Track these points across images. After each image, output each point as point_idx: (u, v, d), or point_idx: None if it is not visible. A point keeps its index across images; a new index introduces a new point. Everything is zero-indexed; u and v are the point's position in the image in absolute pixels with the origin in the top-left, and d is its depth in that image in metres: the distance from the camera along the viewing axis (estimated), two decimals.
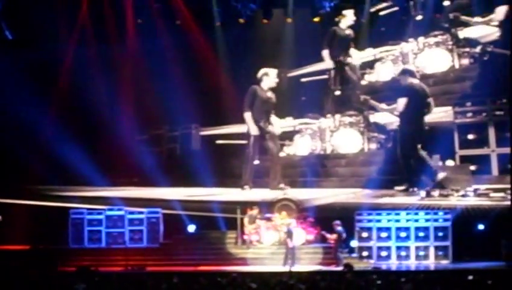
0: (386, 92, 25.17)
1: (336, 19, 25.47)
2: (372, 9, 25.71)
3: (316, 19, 24.24)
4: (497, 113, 23.58)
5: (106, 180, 25.32)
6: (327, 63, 25.56)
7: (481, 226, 22.13)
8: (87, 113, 25.66)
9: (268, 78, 25.05)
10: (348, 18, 25.44)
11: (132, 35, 25.63)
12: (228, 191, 25.09)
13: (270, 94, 25.16)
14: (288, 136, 26.24)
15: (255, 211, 23.43)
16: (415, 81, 23.45)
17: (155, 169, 26.36)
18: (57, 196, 25.29)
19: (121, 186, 26.04)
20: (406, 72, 23.68)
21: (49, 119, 25.73)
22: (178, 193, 25.36)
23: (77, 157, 24.73)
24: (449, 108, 24.34)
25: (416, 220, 22.55)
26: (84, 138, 25.18)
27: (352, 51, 25.74)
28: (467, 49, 24.60)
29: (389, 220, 22.71)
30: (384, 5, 25.80)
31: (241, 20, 24.37)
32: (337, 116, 25.78)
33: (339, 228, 21.94)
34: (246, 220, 23.25)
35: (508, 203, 22.17)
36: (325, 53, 25.53)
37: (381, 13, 25.78)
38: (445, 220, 22.41)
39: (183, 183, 25.77)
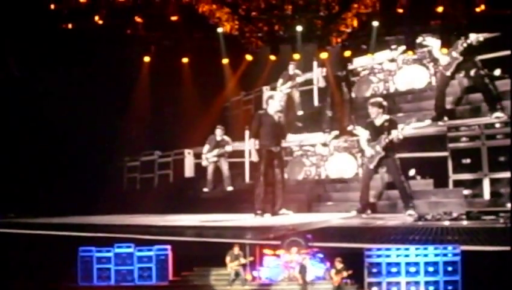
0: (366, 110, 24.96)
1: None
2: None
3: (323, 55, 24.31)
4: (490, 138, 24.03)
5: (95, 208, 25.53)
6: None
7: None
8: (70, 137, 25.69)
9: (274, 101, 24.84)
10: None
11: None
12: (226, 217, 25.05)
13: (277, 117, 24.77)
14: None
15: (236, 249, 22.84)
16: None
17: (147, 196, 26.60)
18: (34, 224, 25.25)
19: (111, 214, 25.96)
20: None
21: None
22: (170, 220, 25.33)
23: (64, 185, 24.92)
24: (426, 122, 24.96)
25: (426, 255, 22.56)
26: (67, 165, 25.32)
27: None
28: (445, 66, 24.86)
29: (398, 255, 22.71)
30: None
31: (249, 57, 24.45)
32: (333, 141, 25.83)
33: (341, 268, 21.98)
34: (227, 258, 22.78)
35: (500, 225, 22.39)
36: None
37: None
38: (455, 254, 22.41)
39: (176, 211, 25.79)
